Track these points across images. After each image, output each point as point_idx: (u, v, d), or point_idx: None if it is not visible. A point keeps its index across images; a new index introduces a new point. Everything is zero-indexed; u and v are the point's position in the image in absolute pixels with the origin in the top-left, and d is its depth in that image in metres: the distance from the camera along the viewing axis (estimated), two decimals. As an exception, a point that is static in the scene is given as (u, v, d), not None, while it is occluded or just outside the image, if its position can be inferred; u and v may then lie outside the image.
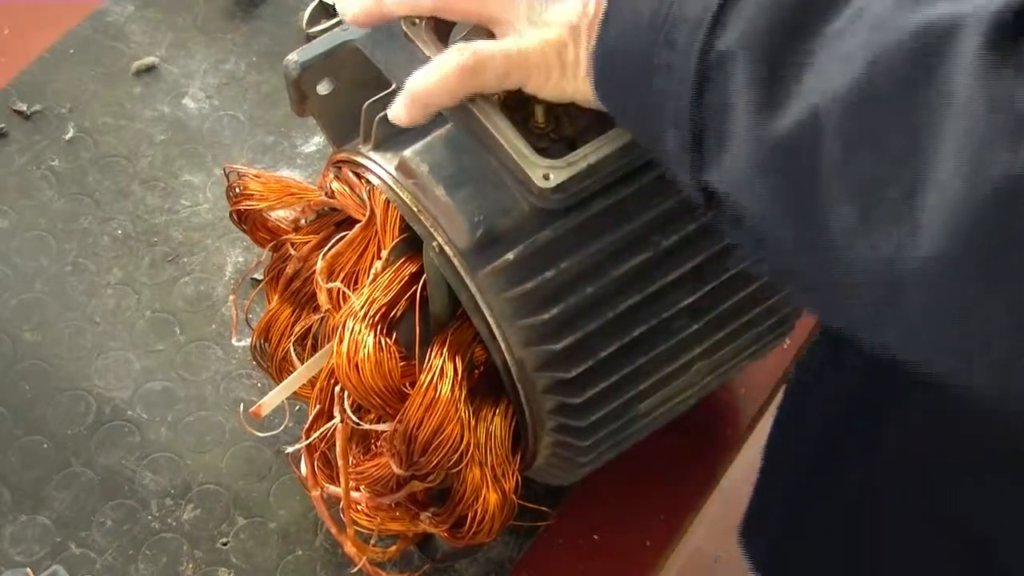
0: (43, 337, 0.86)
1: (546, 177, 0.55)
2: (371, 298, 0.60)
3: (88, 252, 0.90)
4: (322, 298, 0.63)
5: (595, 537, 0.76)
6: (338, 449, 0.65)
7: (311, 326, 0.70)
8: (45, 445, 0.80)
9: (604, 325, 0.60)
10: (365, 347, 0.59)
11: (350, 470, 0.66)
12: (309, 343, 0.70)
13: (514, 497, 0.63)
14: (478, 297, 0.58)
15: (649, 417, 0.67)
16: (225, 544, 0.77)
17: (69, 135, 0.96)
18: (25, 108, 0.97)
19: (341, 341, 0.59)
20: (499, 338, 0.59)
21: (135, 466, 0.79)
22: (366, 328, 0.59)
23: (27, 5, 1.04)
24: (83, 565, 0.75)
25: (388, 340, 0.60)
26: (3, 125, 0.96)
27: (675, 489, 0.79)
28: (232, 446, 0.81)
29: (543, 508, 0.71)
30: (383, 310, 0.60)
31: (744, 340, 0.68)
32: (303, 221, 0.70)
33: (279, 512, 0.78)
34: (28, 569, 0.72)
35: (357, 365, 0.59)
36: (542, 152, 0.56)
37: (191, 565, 0.76)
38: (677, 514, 0.78)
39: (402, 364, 0.61)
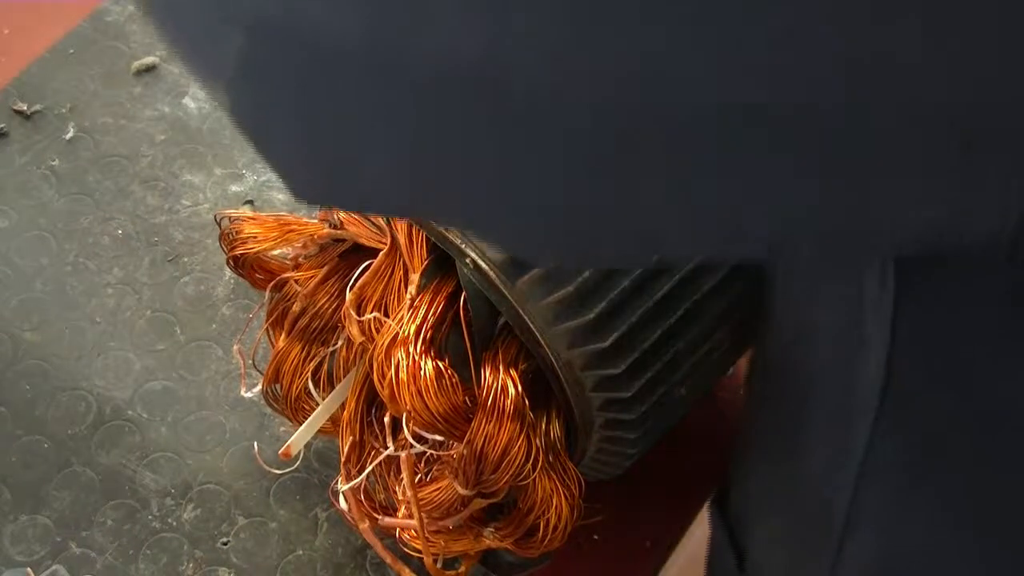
0: (43, 337, 0.86)
1: None
2: (418, 324, 0.59)
3: (88, 252, 0.90)
4: (354, 331, 0.62)
5: (595, 537, 0.76)
6: (406, 480, 0.64)
7: (322, 361, 0.69)
8: (45, 445, 0.80)
9: (644, 316, 0.60)
10: (425, 373, 0.58)
11: (407, 498, 0.65)
12: (323, 378, 0.70)
13: (580, 500, 0.63)
14: (519, 307, 0.58)
15: (690, 398, 0.68)
16: (225, 544, 0.77)
17: (69, 135, 0.96)
18: (25, 108, 0.97)
19: (390, 370, 0.58)
20: (544, 344, 0.59)
21: (135, 466, 0.80)
22: (420, 354, 0.59)
23: (27, 5, 1.04)
24: (83, 565, 0.75)
25: (444, 363, 0.59)
26: (3, 125, 0.96)
27: (675, 489, 0.79)
28: (232, 446, 0.81)
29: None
30: (430, 333, 0.60)
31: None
32: (302, 258, 0.68)
33: (279, 512, 0.78)
34: (28, 569, 0.73)
35: (420, 392, 0.58)
36: None
37: (191, 565, 0.76)
38: (677, 514, 0.78)
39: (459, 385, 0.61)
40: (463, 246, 0.59)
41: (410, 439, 0.62)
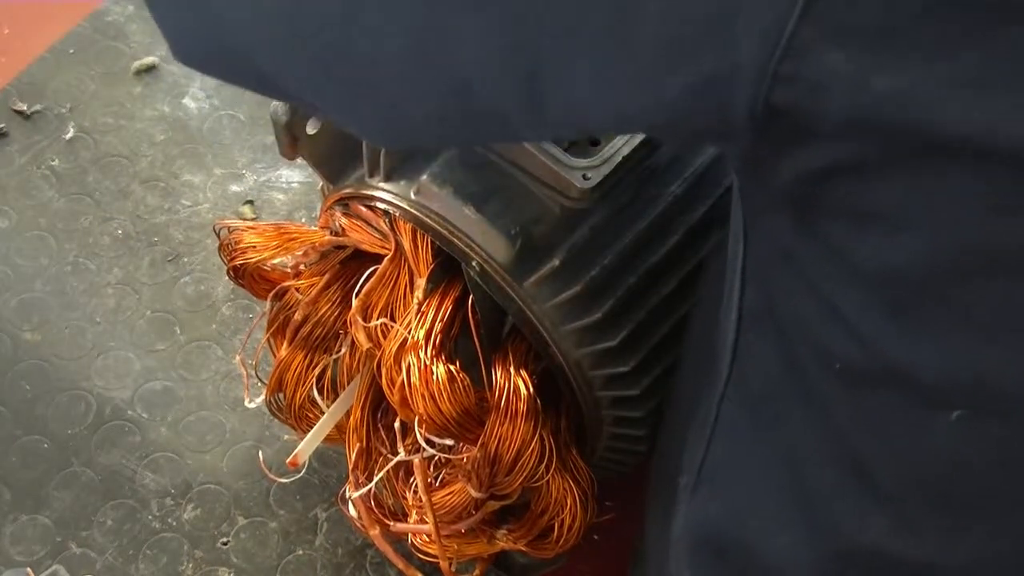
0: (43, 337, 0.86)
1: (585, 177, 0.54)
2: (427, 328, 0.59)
3: (88, 252, 0.90)
4: (361, 337, 0.61)
5: (595, 537, 0.76)
6: (420, 485, 0.63)
7: (325, 369, 0.69)
8: (45, 445, 0.80)
9: (651, 313, 0.60)
10: (437, 377, 0.58)
11: (419, 503, 0.65)
12: (327, 385, 0.69)
13: (594, 499, 0.63)
14: (527, 309, 0.57)
15: None
16: (225, 544, 0.77)
17: (69, 135, 0.96)
18: (25, 108, 0.97)
19: (401, 375, 0.58)
20: (553, 345, 0.58)
21: (135, 466, 0.80)
22: (431, 358, 0.58)
23: (27, 5, 1.04)
24: (83, 565, 0.75)
25: (455, 367, 0.59)
26: (3, 125, 0.96)
27: (675, 489, 0.79)
28: (232, 446, 0.81)
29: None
30: (440, 337, 0.59)
31: None
32: (303, 266, 0.67)
33: (279, 512, 0.78)
34: (28, 568, 0.73)
35: (433, 396, 0.58)
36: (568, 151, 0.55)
37: (191, 565, 0.76)
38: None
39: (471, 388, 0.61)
40: (468, 249, 0.58)
41: (422, 443, 0.62)
